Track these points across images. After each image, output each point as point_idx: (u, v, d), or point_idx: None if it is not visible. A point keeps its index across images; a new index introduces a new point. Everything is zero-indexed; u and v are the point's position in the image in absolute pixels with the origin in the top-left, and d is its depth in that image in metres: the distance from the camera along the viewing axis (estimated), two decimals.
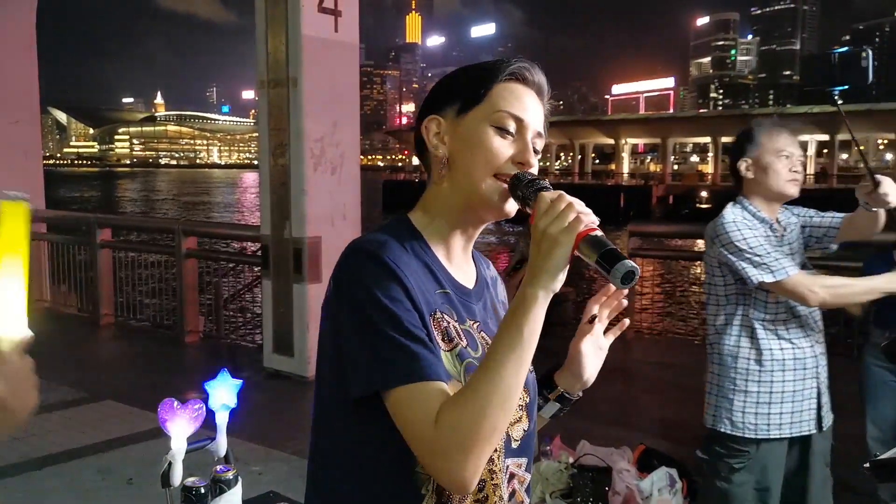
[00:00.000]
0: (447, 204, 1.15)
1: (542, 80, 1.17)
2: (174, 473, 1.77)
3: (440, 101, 1.17)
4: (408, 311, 1.02)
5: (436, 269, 1.13)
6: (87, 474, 3.97)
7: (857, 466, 3.72)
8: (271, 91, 5.58)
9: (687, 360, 6.11)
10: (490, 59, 1.22)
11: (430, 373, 0.99)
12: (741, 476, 2.47)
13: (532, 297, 0.98)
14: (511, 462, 1.15)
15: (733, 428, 2.47)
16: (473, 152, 1.12)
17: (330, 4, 5.50)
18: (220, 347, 7.11)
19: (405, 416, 0.99)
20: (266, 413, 4.97)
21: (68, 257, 8.35)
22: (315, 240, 5.50)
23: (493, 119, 1.12)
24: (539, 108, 1.16)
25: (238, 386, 1.88)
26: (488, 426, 0.96)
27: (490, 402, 0.95)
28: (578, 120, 72.14)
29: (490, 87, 1.14)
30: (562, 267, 0.98)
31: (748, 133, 2.53)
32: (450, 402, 0.97)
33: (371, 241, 1.08)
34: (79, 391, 5.39)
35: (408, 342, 1.00)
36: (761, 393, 2.44)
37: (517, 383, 0.98)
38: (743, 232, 2.42)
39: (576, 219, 0.97)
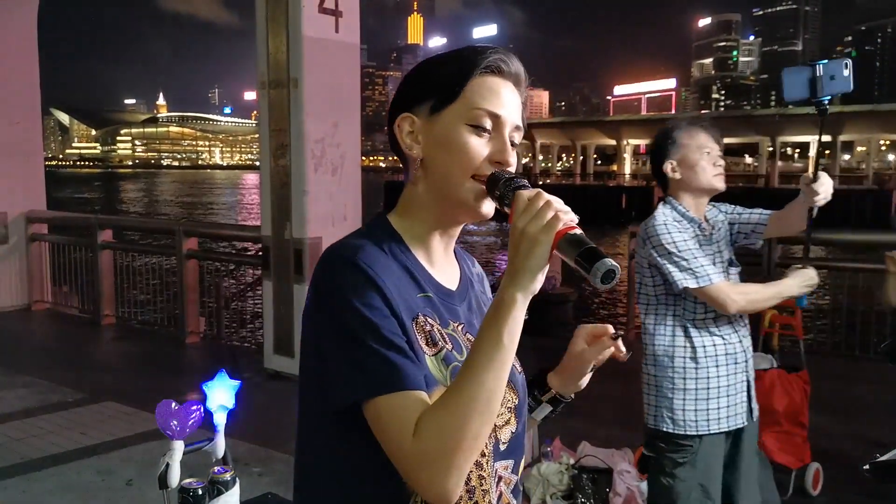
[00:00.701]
0: (424, 205, 1.12)
1: (518, 68, 1.12)
2: (171, 474, 1.76)
3: (412, 98, 1.12)
4: (386, 319, 0.99)
5: (416, 272, 1.10)
6: (86, 475, 3.96)
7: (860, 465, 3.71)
8: (272, 92, 5.57)
9: None
10: (470, 45, 1.16)
11: (409, 382, 0.96)
12: (685, 471, 2.51)
13: (511, 298, 0.94)
14: (499, 465, 1.12)
15: (675, 426, 2.51)
16: (449, 154, 1.08)
17: (330, 5, 5.49)
18: (220, 348, 7.11)
19: (384, 428, 0.96)
20: (267, 414, 4.95)
21: (70, 258, 8.36)
22: (316, 240, 5.49)
23: (469, 117, 1.07)
24: (517, 99, 1.12)
25: (236, 387, 1.87)
26: (470, 435, 0.93)
27: (471, 410, 0.93)
28: (580, 121, 72.14)
29: (465, 83, 1.08)
30: (541, 266, 0.94)
31: (668, 135, 2.59)
32: (429, 411, 0.94)
33: (347, 246, 1.05)
34: (79, 392, 5.39)
35: (386, 351, 0.97)
36: (699, 390, 2.49)
37: (498, 389, 0.95)
38: (672, 235, 2.48)
39: (554, 216, 0.94)
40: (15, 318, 8.16)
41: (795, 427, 3.71)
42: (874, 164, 59.87)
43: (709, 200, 2.63)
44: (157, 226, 10.58)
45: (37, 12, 8.56)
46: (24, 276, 8.50)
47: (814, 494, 3.73)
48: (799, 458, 3.70)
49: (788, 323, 4.08)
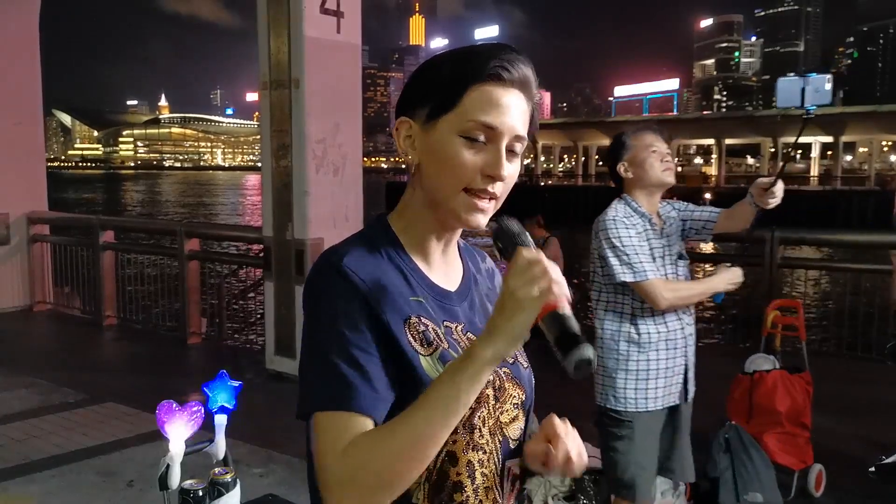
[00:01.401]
0: (419, 209, 1.11)
1: (524, 73, 1.06)
2: (172, 476, 1.75)
3: (412, 102, 1.09)
4: (358, 333, 0.98)
5: (411, 274, 1.09)
6: (87, 476, 3.96)
7: (866, 468, 3.71)
8: (273, 92, 5.57)
9: None
10: (475, 46, 1.10)
11: (356, 404, 0.95)
12: (624, 444, 2.75)
13: (481, 357, 0.91)
14: (511, 463, 1.11)
15: (616, 403, 2.74)
16: (442, 165, 1.05)
17: (332, 5, 5.49)
18: (222, 349, 7.11)
19: (316, 442, 0.96)
20: (268, 415, 4.95)
21: (71, 259, 8.36)
22: (317, 241, 5.49)
23: (462, 129, 1.03)
24: (521, 106, 1.07)
25: (237, 388, 1.86)
26: (394, 474, 0.92)
27: (403, 451, 0.91)
28: (582, 122, 72.13)
29: (463, 93, 1.04)
30: (521, 333, 0.91)
31: (620, 140, 2.83)
32: (366, 437, 0.93)
33: (336, 252, 1.04)
34: (80, 392, 5.38)
35: (344, 367, 0.96)
36: (639, 371, 2.72)
37: (442, 434, 0.93)
38: (619, 230, 2.70)
39: (547, 288, 0.91)
40: (16, 319, 8.16)
41: (798, 428, 3.71)
42: (876, 164, 59.72)
43: (674, 199, 2.89)
44: (158, 227, 10.57)
45: (38, 13, 8.57)
46: (26, 276, 8.50)
47: (816, 496, 3.72)
48: (801, 459, 3.69)
49: (791, 324, 4.07)
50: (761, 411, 3.69)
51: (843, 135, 50.53)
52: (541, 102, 7.23)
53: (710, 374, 5.40)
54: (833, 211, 37.44)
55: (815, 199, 41.22)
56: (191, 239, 7.17)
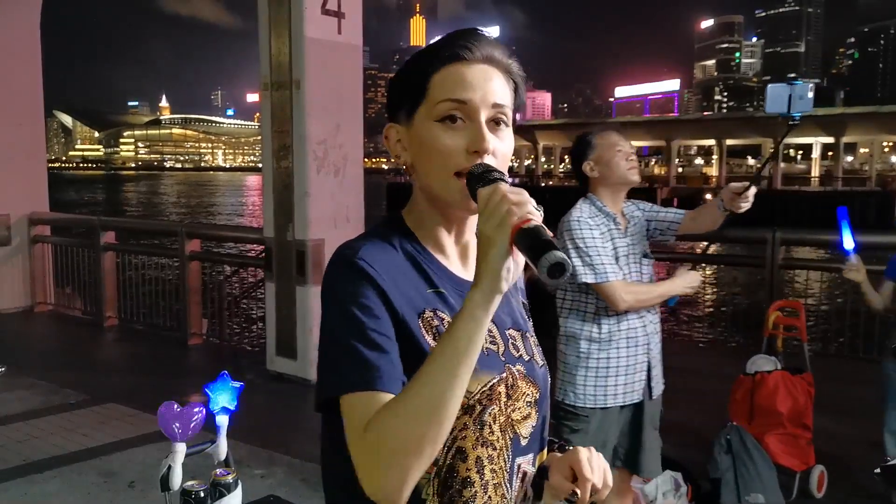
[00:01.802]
0: (425, 206, 1.12)
1: (488, 50, 1.07)
2: (174, 477, 1.75)
3: (393, 107, 1.13)
4: (375, 319, 0.99)
5: (430, 267, 1.09)
6: (89, 477, 3.95)
7: (868, 469, 3.70)
8: (274, 93, 5.57)
9: (690, 362, 6.08)
10: (436, 39, 1.11)
11: (380, 383, 0.95)
12: (578, 438, 2.74)
13: (470, 301, 0.92)
14: (521, 460, 1.11)
15: (575, 399, 2.78)
16: (428, 155, 1.07)
17: (333, 6, 5.49)
18: (223, 350, 7.10)
19: (346, 424, 0.96)
20: (269, 416, 4.95)
21: (72, 260, 8.36)
22: (318, 242, 5.49)
23: (436, 113, 1.05)
24: (492, 76, 1.06)
25: (238, 389, 1.86)
26: (414, 437, 0.90)
27: (418, 413, 0.90)
28: (583, 122, 72.00)
29: (428, 81, 1.06)
30: (501, 266, 0.90)
31: (585, 139, 2.89)
32: (381, 409, 0.92)
33: (351, 245, 1.05)
34: (81, 393, 5.38)
35: (366, 350, 0.96)
36: (599, 368, 2.76)
37: (452, 392, 0.91)
38: (583, 231, 2.74)
39: (508, 211, 0.89)
40: (18, 320, 8.17)
41: (800, 429, 3.70)
42: (877, 165, 59.73)
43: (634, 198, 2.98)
44: (159, 227, 10.58)
45: (39, 14, 8.58)
46: (27, 277, 8.51)
47: (818, 497, 3.72)
48: (803, 460, 3.69)
49: (793, 325, 4.07)
50: (763, 412, 3.69)
51: (844, 135, 50.55)
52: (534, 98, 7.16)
53: (711, 375, 5.42)
54: (834, 212, 37.36)
55: (816, 199, 41.22)
56: (192, 240, 7.17)
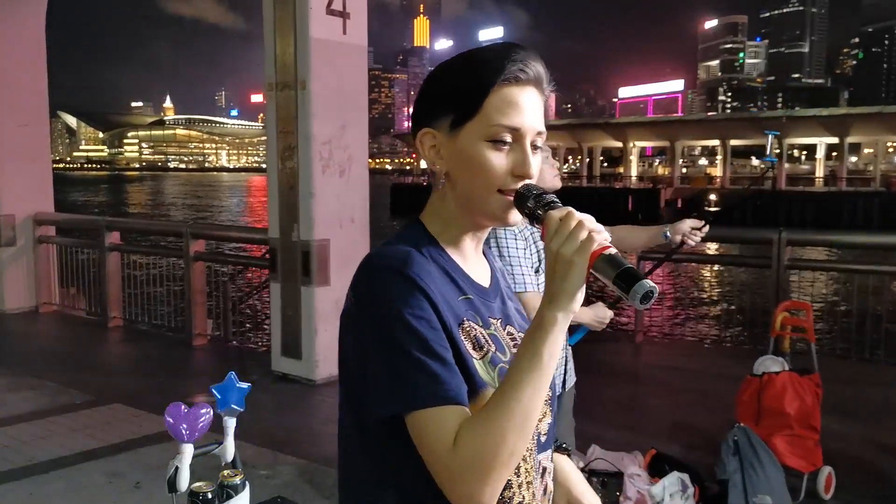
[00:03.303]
0: (453, 214, 1.14)
1: (538, 70, 1.10)
2: (181, 478, 1.74)
3: (433, 113, 1.12)
4: (433, 330, 1.00)
5: (456, 274, 1.12)
6: (94, 478, 3.95)
7: (876, 471, 3.68)
8: (279, 94, 5.57)
9: (697, 363, 6.07)
10: (485, 49, 1.12)
11: (451, 395, 0.97)
12: None
13: (551, 320, 0.96)
14: (542, 457, 1.16)
15: None
16: (472, 172, 1.08)
17: (338, 7, 5.49)
18: (227, 350, 7.10)
19: (424, 440, 0.97)
20: (274, 416, 4.95)
21: (77, 260, 8.38)
22: (323, 243, 5.48)
23: (488, 134, 1.07)
24: (538, 102, 1.11)
25: (246, 390, 1.85)
26: (506, 451, 0.94)
27: (509, 427, 0.94)
28: (586, 123, 72.01)
29: (483, 99, 1.07)
30: (578, 287, 0.96)
31: None
32: (467, 425, 0.95)
33: (395, 256, 1.05)
34: (87, 394, 5.38)
35: (431, 363, 0.98)
36: None
37: (535, 406, 0.96)
38: (508, 241, 2.81)
39: (588, 237, 0.95)
40: (22, 320, 8.18)
41: (807, 430, 3.68)
42: (881, 165, 59.51)
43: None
44: (164, 228, 10.56)
45: (45, 16, 8.59)
46: (32, 277, 8.52)
47: (826, 498, 3.70)
48: (811, 461, 3.67)
49: (800, 325, 4.05)
50: (770, 413, 3.67)
51: (849, 136, 50.44)
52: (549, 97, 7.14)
53: (718, 376, 5.41)
54: (839, 212, 37.38)
55: (821, 200, 41.15)
56: (197, 240, 7.18)
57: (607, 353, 6.28)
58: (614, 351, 6.45)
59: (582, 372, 2.99)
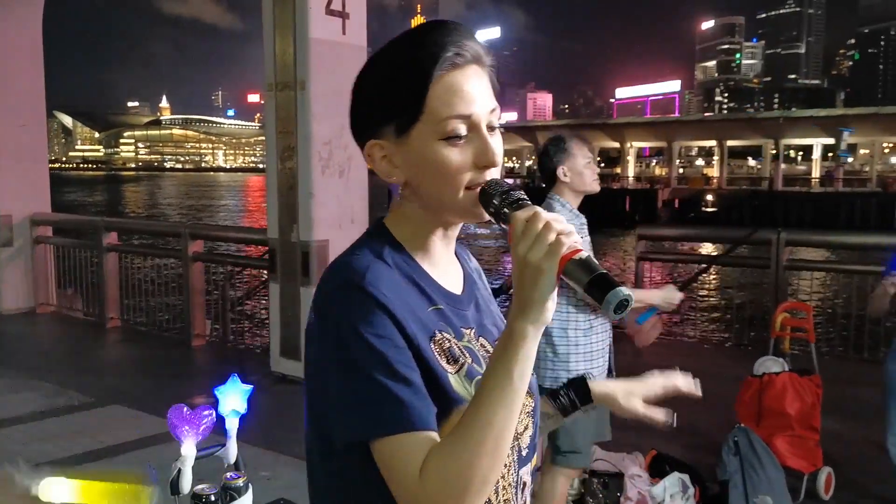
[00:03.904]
0: (419, 218, 1.06)
1: (475, 48, 1.00)
2: (183, 481, 1.74)
3: (373, 123, 1.03)
4: (397, 349, 0.93)
5: (424, 283, 1.04)
6: None
7: (875, 471, 3.69)
8: (279, 94, 5.56)
9: (697, 363, 6.05)
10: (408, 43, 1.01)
11: (417, 421, 0.90)
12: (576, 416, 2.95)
13: (521, 333, 0.89)
14: (523, 471, 1.09)
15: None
16: (433, 176, 1.00)
17: (338, 7, 5.48)
18: (226, 351, 7.09)
19: (390, 469, 0.91)
20: (274, 417, 4.93)
21: (74, 260, 8.36)
22: (323, 243, 5.48)
23: (440, 132, 0.98)
24: (483, 81, 1.01)
25: (248, 391, 1.85)
26: (478, 479, 0.88)
27: (480, 453, 0.88)
28: (584, 123, 72.09)
29: (424, 96, 0.97)
30: (549, 295, 0.88)
31: (563, 145, 3.05)
32: (436, 452, 0.89)
33: (355, 269, 0.97)
34: (85, 395, 5.37)
35: (395, 386, 0.91)
36: (586, 353, 3.04)
37: (509, 428, 0.90)
38: None
39: (556, 241, 0.87)
40: (20, 321, 8.16)
41: (807, 431, 3.69)
42: (878, 166, 59.64)
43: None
44: (162, 228, 10.55)
45: (41, 16, 8.58)
46: (29, 278, 8.50)
47: (825, 498, 3.71)
48: (811, 461, 3.68)
49: (800, 326, 4.06)
50: (771, 414, 3.68)
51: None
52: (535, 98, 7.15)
53: (719, 377, 5.38)
54: (836, 213, 37.45)
55: (817, 200, 41.22)
56: (195, 240, 7.16)
57: None
58: (613, 350, 6.43)
59: None
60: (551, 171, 3.05)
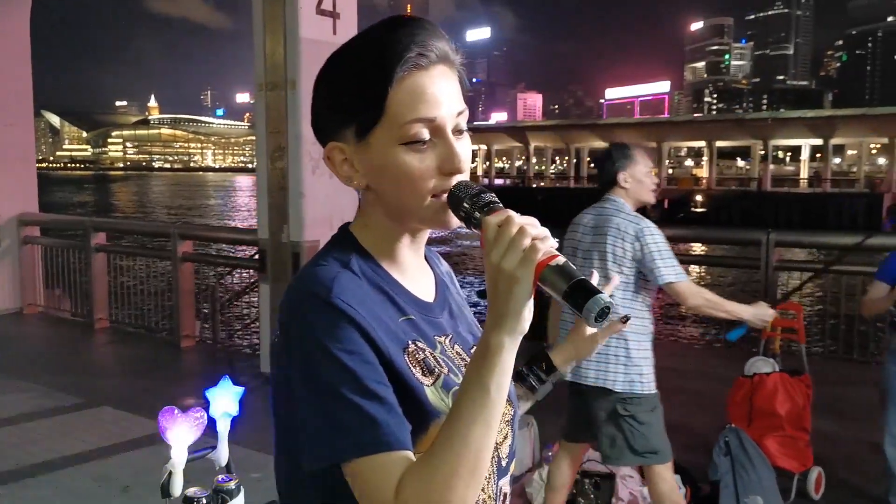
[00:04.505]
0: (384, 225, 1.01)
1: (441, 47, 0.95)
2: (174, 484, 1.72)
3: (333, 124, 0.99)
4: (367, 365, 0.88)
5: (394, 292, 1.00)
6: (82, 482, 3.91)
7: (865, 471, 3.70)
8: (269, 94, 5.53)
9: (688, 364, 6.08)
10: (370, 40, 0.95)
11: (390, 440, 0.86)
12: (655, 417, 2.99)
13: (497, 346, 0.85)
14: (502, 482, 1.05)
15: (643, 387, 2.96)
16: (395, 182, 0.95)
17: (328, 6, 5.46)
18: (216, 352, 7.05)
19: (363, 492, 0.87)
20: (264, 418, 4.89)
21: (62, 261, 8.29)
22: (313, 244, 5.46)
23: (401, 136, 0.93)
24: (449, 82, 0.96)
25: (240, 393, 1.83)
26: (457, 498, 0.83)
27: (457, 472, 0.83)
28: (574, 124, 72.15)
29: (385, 97, 0.92)
30: (524, 305, 0.84)
31: (628, 152, 3.08)
32: (412, 472, 0.84)
33: (321, 281, 0.92)
34: (74, 396, 5.33)
35: (367, 404, 0.86)
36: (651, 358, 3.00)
37: (487, 445, 0.86)
38: (660, 234, 2.98)
39: (531, 247, 0.82)
40: (7, 322, 8.09)
41: (798, 431, 3.70)
42: (865, 167, 59.98)
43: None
44: (152, 229, 10.48)
45: (29, 14, 8.52)
46: (17, 279, 8.44)
47: (815, 498, 3.72)
48: (801, 462, 3.69)
49: (791, 326, 4.07)
50: (762, 414, 3.69)
51: (833, 137, 50.75)
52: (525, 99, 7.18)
53: (710, 377, 5.42)
54: (824, 213, 37.66)
55: (806, 201, 41.43)
56: (185, 241, 7.13)
57: None
58: None
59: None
60: (612, 175, 3.09)
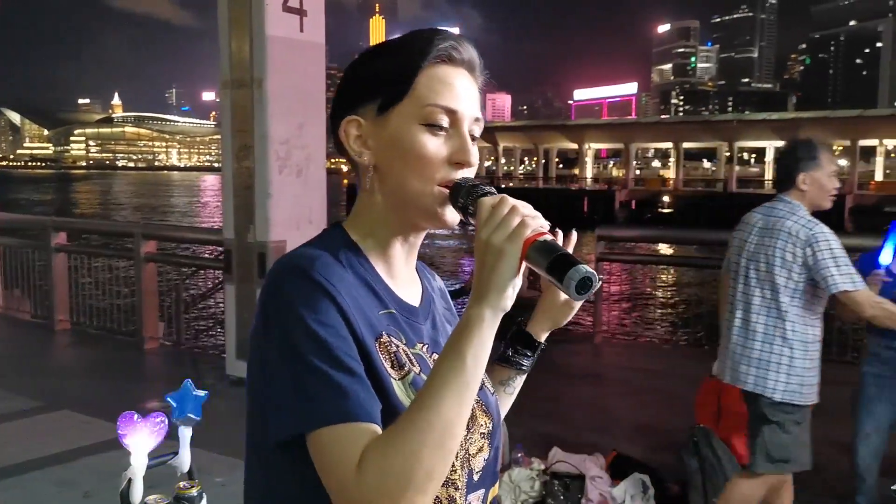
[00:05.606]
0: (382, 214, 1.01)
1: (472, 54, 1.01)
2: (134, 491, 1.67)
3: (356, 98, 1.01)
4: (341, 338, 0.88)
5: (377, 286, 0.99)
6: (43, 487, 3.82)
7: (835, 470, 3.73)
8: (235, 92, 5.45)
9: (657, 364, 6.12)
10: (413, 32, 1.02)
11: (359, 412, 0.84)
12: (801, 429, 2.93)
13: (477, 317, 0.85)
14: (472, 497, 1.00)
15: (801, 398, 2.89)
16: (405, 159, 0.96)
17: (295, 4, 5.39)
18: (180, 354, 6.94)
19: (324, 463, 0.84)
20: (229, 421, 4.81)
21: (22, 261, 8.11)
22: (280, 244, 5.38)
23: (422, 116, 0.96)
24: (473, 88, 1.01)
25: (203, 398, 1.79)
26: (421, 472, 0.81)
27: (425, 443, 0.81)
28: (543, 124, 72.48)
29: (413, 77, 0.96)
30: (509, 280, 0.85)
31: (812, 150, 2.88)
32: (376, 443, 0.82)
33: (301, 256, 0.94)
34: (34, 400, 5.22)
35: (336, 374, 0.85)
36: (816, 368, 2.93)
37: (459, 419, 0.84)
38: (837, 241, 2.77)
39: (521, 223, 0.85)
40: None
41: None
42: None
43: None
44: (114, 228, 10.30)
45: None
46: None
47: None
48: None
49: None
50: (729, 414, 3.69)
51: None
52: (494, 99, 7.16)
53: (679, 377, 5.44)
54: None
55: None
56: (148, 241, 7.01)
57: (566, 354, 6.29)
58: (573, 352, 6.46)
59: (541, 373, 2.96)
60: (791, 174, 2.89)
